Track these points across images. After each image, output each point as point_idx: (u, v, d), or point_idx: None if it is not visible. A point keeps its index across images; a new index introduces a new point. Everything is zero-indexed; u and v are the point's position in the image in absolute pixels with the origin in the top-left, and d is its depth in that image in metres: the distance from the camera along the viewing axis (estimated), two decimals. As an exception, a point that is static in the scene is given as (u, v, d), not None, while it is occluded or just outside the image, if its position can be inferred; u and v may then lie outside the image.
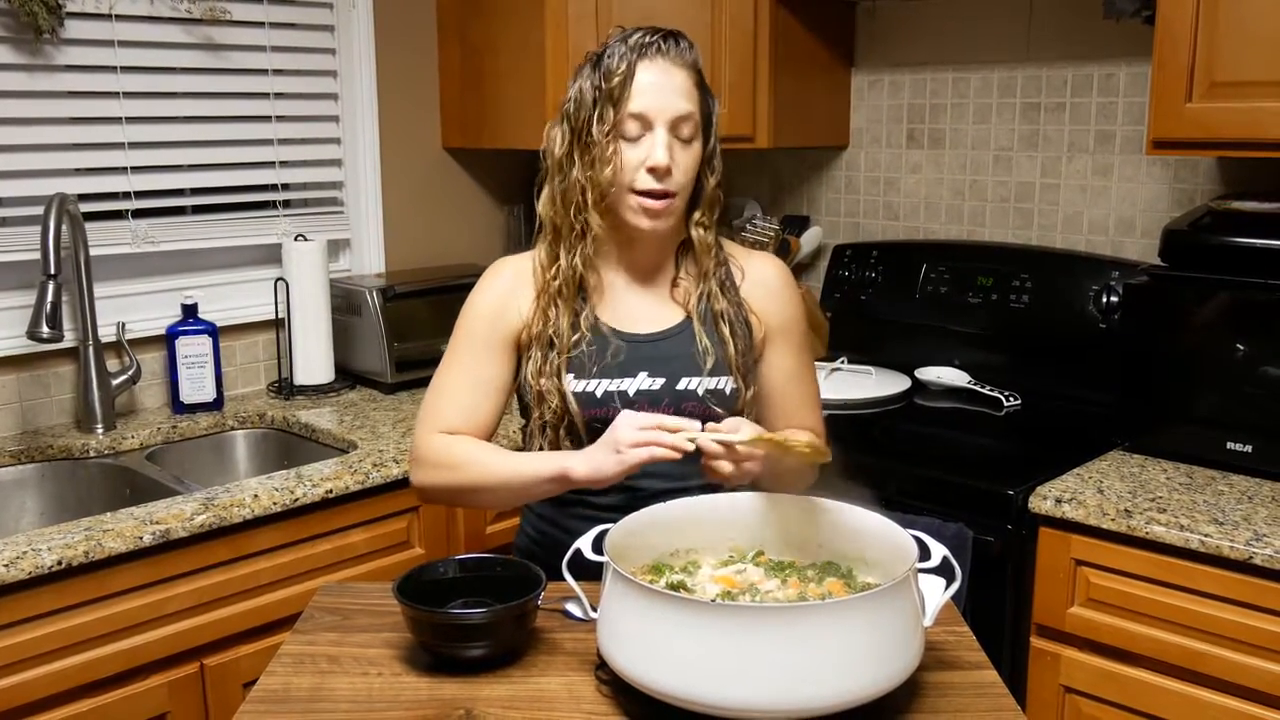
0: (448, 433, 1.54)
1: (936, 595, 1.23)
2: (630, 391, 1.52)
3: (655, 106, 1.46)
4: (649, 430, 1.36)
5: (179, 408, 2.40)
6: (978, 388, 2.47)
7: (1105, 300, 2.35)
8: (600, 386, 1.52)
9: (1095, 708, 1.86)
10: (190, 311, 2.40)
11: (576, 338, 1.53)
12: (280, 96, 2.60)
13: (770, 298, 1.61)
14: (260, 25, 2.53)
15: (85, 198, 2.30)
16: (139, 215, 2.42)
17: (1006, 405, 2.39)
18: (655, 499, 1.38)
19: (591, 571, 1.24)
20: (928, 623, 1.19)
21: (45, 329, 2.03)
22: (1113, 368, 2.13)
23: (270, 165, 2.61)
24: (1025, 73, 2.56)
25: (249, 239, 2.61)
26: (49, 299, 2.03)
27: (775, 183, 3.02)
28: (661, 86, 1.47)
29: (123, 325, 2.35)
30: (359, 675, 1.28)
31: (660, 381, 1.53)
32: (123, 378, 2.33)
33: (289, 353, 2.56)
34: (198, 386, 2.40)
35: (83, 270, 2.24)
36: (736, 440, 1.37)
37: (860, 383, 2.55)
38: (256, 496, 1.88)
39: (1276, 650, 1.67)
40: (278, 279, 2.53)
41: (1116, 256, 2.45)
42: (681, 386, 1.53)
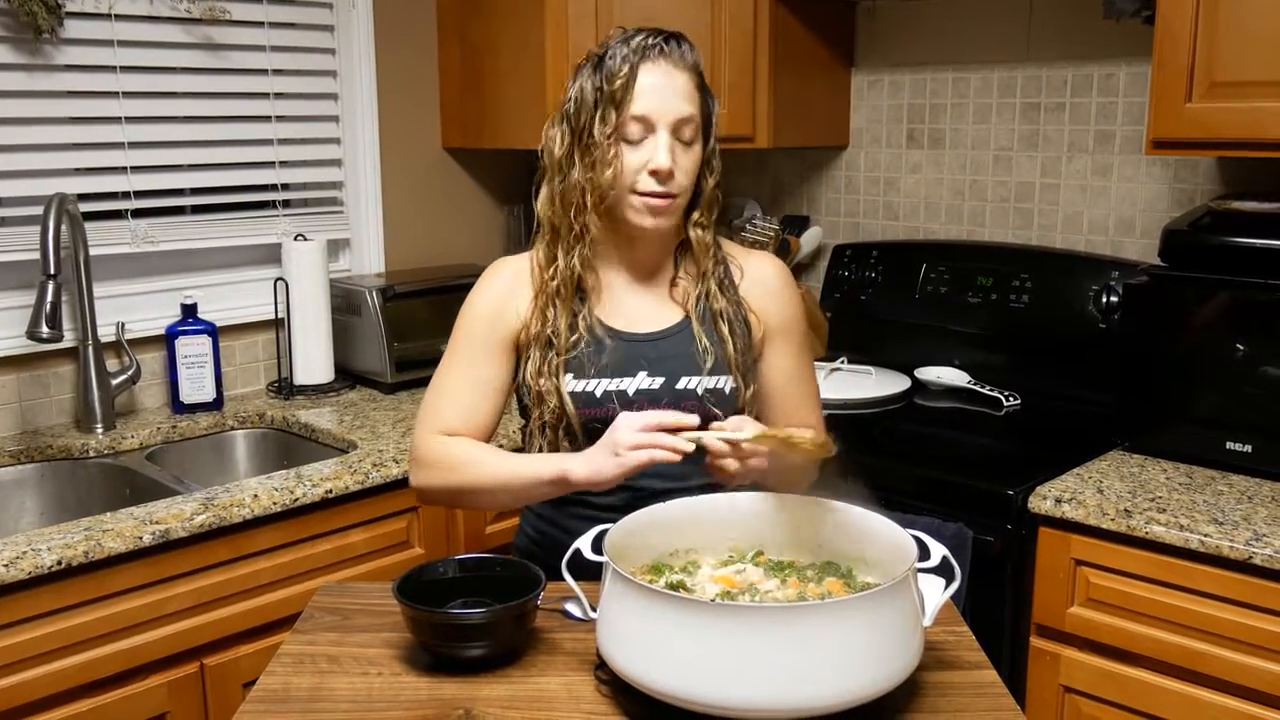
0: (447, 433, 1.54)
1: (936, 595, 1.23)
2: (629, 391, 1.52)
3: (658, 109, 1.46)
4: (648, 433, 1.36)
5: (179, 408, 2.40)
6: (978, 388, 2.47)
7: (1105, 300, 2.35)
8: (599, 386, 1.52)
9: (1095, 708, 1.86)
10: (190, 311, 2.40)
11: (575, 338, 1.52)
12: (280, 96, 2.60)
13: (769, 297, 1.61)
14: (260, 25, 2.53)
15: (85, 197, 2.30)
16: (139, 215, 2.42)
17: (1006, 405, 2.39)
18: (655, 498, 1.38)
19: (591, 571, 1.24)
20: (927, 622, 1.19)
21: (45, 329, 2.03)
22: (1113, 368, 2.13)
23: (270, 165, 2.61)
24: (1025, 73, 2.56)
25: (249, 239, 2.61)
26: (49, 299, 2.03)
27: (775, 183, 3.02)
28: (664, 89, 1.47)
29: (122, 325, 2.35)
30: (359, 675, 1.28)
31: (659, 381, 1.53)
32: (122, 378, 2.32)
33: (289, 353, 2.56)
34: (197, 386, 2.40)
35: (82, 270, 2.24)
36: (741, 438, 1.37)
37: (860, 383, 2.55)
38: (256, 496, 1.88)
39: (1276, 650, 1.67)
40: (277, 279, 2.53)
41: (1116, 256, 2.45)
42: (681, 386, 1.53)
